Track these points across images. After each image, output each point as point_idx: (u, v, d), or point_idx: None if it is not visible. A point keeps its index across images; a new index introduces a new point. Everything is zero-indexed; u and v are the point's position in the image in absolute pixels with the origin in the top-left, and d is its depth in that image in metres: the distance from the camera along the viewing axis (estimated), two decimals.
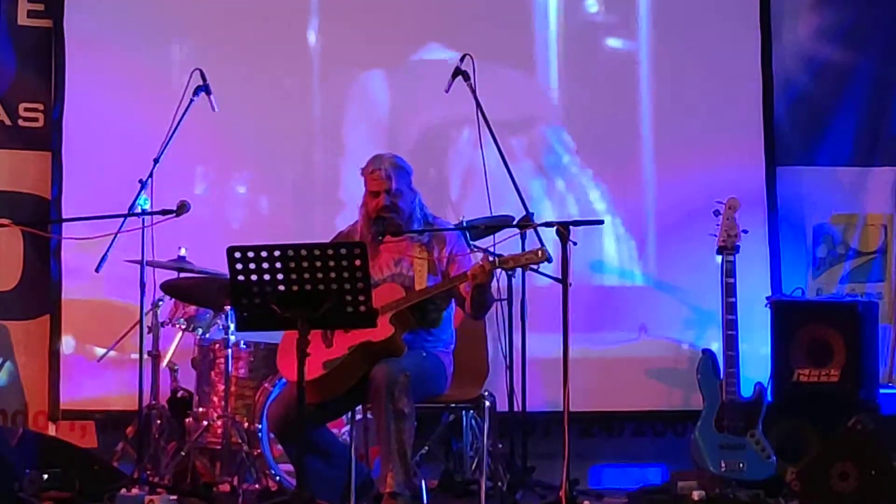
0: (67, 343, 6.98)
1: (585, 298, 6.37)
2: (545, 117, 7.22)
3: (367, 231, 5.58)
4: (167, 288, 6.32)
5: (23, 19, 7.17)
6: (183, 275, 6.37)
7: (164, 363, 6.48)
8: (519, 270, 6.12)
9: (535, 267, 5.58)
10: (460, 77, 6.34)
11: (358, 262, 4.71)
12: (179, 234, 6.28)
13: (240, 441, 6.14)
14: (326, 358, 5.33)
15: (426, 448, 6.42)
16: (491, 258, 5.32)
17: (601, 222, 5.28)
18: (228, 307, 6.13)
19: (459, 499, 6.24)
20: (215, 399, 6.24)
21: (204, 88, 6.38)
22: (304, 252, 4.70)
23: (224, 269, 4.82)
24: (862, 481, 5.57)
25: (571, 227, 5.26)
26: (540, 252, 5.26)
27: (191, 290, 6.35)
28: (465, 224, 6.12)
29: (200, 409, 6.25)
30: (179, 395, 6.52)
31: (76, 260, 6.87)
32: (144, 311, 6.09)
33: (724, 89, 7.20)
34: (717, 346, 6.30)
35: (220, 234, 6.76)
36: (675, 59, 7.21)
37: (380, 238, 5.52)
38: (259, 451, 6.09)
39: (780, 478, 6.07)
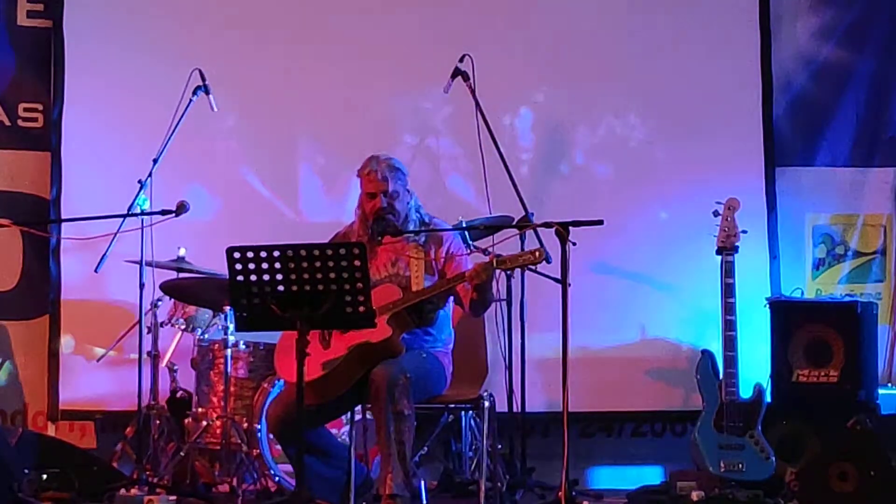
0: (67, 343, 6.98)
1: (585, 299, 6.36)
2: (544, 116, 7.22)
3: (363, 232, 5.58)
4: (166, 288, 6.32)
5: (22, 19, 7.17)
6: (182, 275, 6.38)
7: (164, 363, 6.49)
8: (518, 271, 6.12)
9: (533, 267, 5.57)
10: (459, 77, 6.36)
11: (357, 263, 4.71)
12: (178, 234, 6.29)
13: (239, 441, 6.14)
14: (325, 359, 5.32)
15: (425, 449, 6.43)
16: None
17: (600, 222, 5.25)
18: (228, 307, 6.13)
19: (459, 499, 6.24)
20: (214, 399, 6.24)
21: (203, 88, 6.39)
22: (303, 252, 4.70)
23: (223, 269, 4.82)
24: (861, 481, 5.56)
25: (571, 228, 5.24)
26: (538, 252, 5.27)
27: (190, 290, 6.35)
28: (463, 224, 6.11)
29: (199, 410, 6.25)
30: (179, 395, 6.52)
31: (75, 260, 6.87)
32: (144, 311, 6.10)
33: (724, 89, 7.19)
34: (716, 347, 6.29)
35: (220, 234, 6.74)
36: (674, 59, 7.20)
37: (378, 239, 5.52)
38: (258, 451, 6.09)
39: (780, 478, 6.07)
